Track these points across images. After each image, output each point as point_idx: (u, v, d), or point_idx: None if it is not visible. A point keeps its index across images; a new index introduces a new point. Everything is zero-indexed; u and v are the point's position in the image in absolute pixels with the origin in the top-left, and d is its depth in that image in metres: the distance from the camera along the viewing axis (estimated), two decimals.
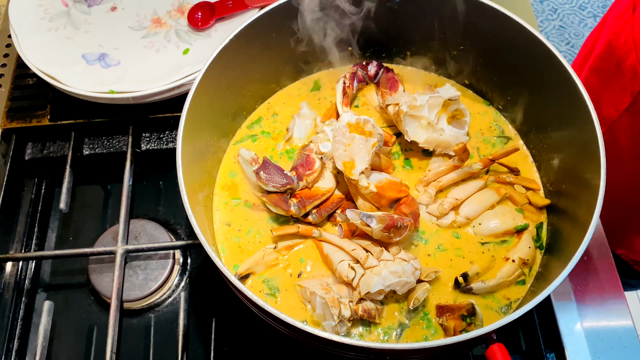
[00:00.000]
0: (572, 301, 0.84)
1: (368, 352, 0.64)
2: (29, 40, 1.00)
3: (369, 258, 0.74)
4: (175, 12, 1.07)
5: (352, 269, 0.74)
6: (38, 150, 1.03)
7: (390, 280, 0.71)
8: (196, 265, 0.94)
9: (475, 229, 0.81)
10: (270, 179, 0.79)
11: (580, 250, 0.65)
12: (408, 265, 0.73)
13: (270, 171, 0.80)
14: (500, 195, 0.83)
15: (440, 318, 0.75)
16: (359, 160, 0.76)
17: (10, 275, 0.94)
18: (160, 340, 0.88)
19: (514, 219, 0.81)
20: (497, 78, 0.89)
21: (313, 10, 0.83)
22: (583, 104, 0.73)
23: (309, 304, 0.75)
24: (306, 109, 0.90)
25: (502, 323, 0.62)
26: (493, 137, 0.90)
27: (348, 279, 0.74)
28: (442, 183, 0.83)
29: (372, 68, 0.93)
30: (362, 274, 0.73)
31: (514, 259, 0.77)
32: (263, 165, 0.80)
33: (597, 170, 0.70)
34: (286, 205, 0.79)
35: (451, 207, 0.81)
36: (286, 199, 0.80)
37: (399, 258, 0.74)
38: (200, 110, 0.78)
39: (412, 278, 0.73)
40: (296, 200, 0.79)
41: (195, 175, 0.78)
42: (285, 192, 0.80)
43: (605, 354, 0.80)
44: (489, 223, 0.81)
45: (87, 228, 0.99)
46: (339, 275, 0.75)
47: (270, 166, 0.80)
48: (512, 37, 0.81)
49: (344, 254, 0.76)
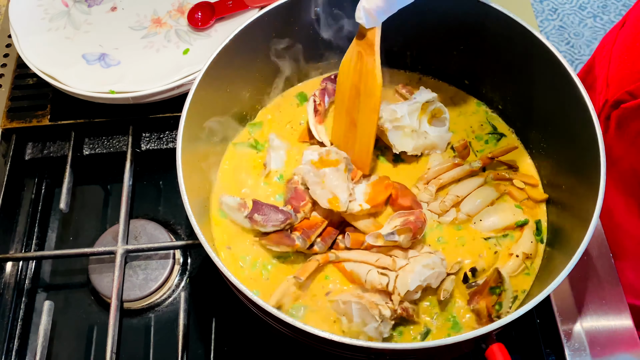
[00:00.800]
0: (572, 301, 0.84)
1: (368, 352, 0.64)
2: (29, 40, 1.00)
3: (397, 261, 0.74)
4: (175, 12, 1.07)
5: (383, 275, 0.73)
6: (38, 150, 1.03)
7: (425, 273, 0.72)
8: (196, 265, 0.94)
9: (477, 225, 0.82)
10: (268, 219, 0.76)
11: (582, 246, 0.65)
12: (436, 257, 0.74)
13: (265, 211, 0.76)
14: (500, 191, 0.84)
15: (471, 304, 0.74)
16: (340, 192, 0.76)
17: (10, 275, 0.94)
18: (160, 340, 0.88)
19: (514, 214, 0.82)
20: (496, 78, 0.89)
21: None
22: (581, 100, 0.73)
23: (343, 317, 0.73)
24: (277, 141, 0.87)
25: (502, 323, 0.62)
26: (485, 134, 0.90)
27: (382, 285, 0.73)
28: (443, 181, 0.84)
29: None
30: (395, 275, 0.73)
31: (518, 254, 0.78)
32: (255, 208, 0.77)
33: (596, 165, 0.70)
34: (290, 240, 0.76)
35: (452, 204, 0.82)
36: (288, 234, 0.77)
37: (425, 252, 0.74)
38: (200, 111, 0.78)
39: (442, 268, 0.73)
40: (299, 233, 0.76)
41: (195, 175, 0.78)
42: (284, 229, 0.77)
43: (605, 354, 0.80)
44: (490, 219, 0.82)
45: (87, 228, 0.99)
46: (371, 286, 0.74)
47: (264, 206, 0.77)
48: (511, 36, 0.80)
49: (369, 265, 0.75)
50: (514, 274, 0.77)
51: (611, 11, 2.64)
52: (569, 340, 0.82)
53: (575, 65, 2.48)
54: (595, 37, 2.55)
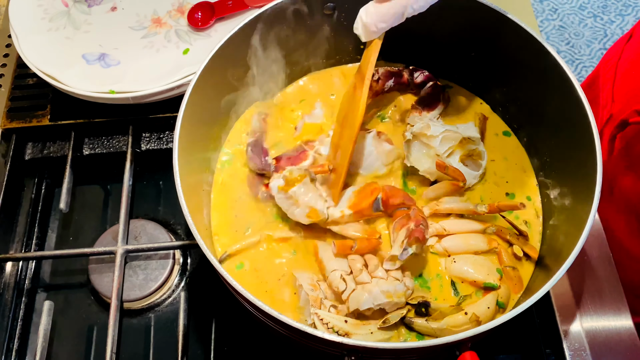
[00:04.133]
0: (571, 301, 0.84)
1: (370, 352, 0.64)
2: (29, 40, 1.00)
3: (363, 272, 0.73)
4: (175, 12, 1.07)
5: (343, 281, 0.73)
6: (38, 150, 1.03)
7: (381, 300, 0.70)
8: (196, 265, 0.94)
9: (447, 263, 0.78)
10: (252, 159, 0.84)
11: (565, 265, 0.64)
12: (400, 285, 0.72)
13: (256, 151, 0.84)
14: (490, 247, 0.78)
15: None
16: (314, 202, 0.76)
17: (10, 275, 0.94)
18: (160, 340, 0.88)
19: (488, 274, 0.76)
20: (495, 77, 0.89)
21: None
22: (580, 105, 0.73)
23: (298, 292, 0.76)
24: (319, 110, 0.89)
25: (478, 331, 0.61)
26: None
27: (338, 290, 0.73)
28: (439, 208, 0.80)
29: (420, 76, 0.88)
30: (352, 288, 0.72)
31: (468, 312, 0.72)
32: (255, 141, 0.85)
33: (593, 168, 0.69)
34: (255, 190, 0.83)
35: (436, 233, 0.79)
36: (259, 182, 0.83)
37: (392, 277, 0.73)
38: (198, 110, 0.78)
39: (402, 299, 0.72)
40: (265, 189, 0.82)
41: (193, 176, 0.79)
42: (260, 175, 0.84)
43: (605, 354, 0.80)
44: (463, 266, 0.77)
45: (87, 228, 0.99)
46: (329, 284, 0.74)
47: (259, 146, 0.84)
48: (511, 37, 0.80)
49: (338, 263, 0.75)
50: (454, 328, 0.71)
51: (611, 11, 2.64)
52: (568, 340, 0.82)
53: (575, 66, 2.48)
54: (595, 37, 2.56)
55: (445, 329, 0.71)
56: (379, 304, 0.71)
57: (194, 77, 0.77)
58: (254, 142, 0.85)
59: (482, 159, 0.83)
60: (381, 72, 0.88)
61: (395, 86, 0.89)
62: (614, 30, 2.58)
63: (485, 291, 0.76)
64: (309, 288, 0.73)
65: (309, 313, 0.71)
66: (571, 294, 0.85)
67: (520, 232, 0.80)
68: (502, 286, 0.75)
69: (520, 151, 0.88)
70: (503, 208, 0.78)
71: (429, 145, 0.81)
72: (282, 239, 0.80)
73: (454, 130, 0.81)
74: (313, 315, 0.70)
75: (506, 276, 0.77)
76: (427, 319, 0.73)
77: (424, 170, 0.82)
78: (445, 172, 0.79)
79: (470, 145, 0.83)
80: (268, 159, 0.83)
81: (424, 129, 0.81)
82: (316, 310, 0.71)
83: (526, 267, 0.79)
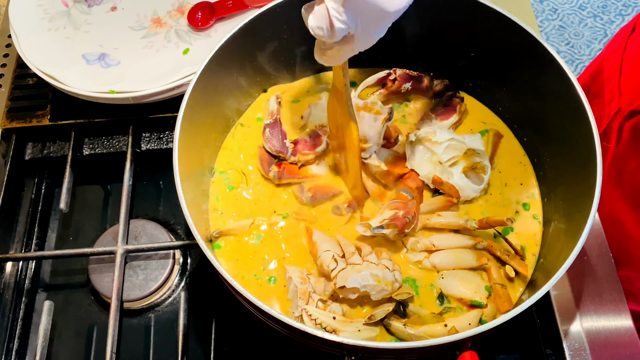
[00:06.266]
0: (571, 301, 0.84)
1: (370, 352, 0.64)
2: (29, 40, 1.00)
3: (355, 255, 0.74)
4: (175, 12, 1.07)
5: (334, 261, 0.74)
6: (38, 150, 1.03)
7: (368, 281, 0.71)
8: (196, 265, 0.94)
9: (437, 279, 0.77)
10: (269, 140, 0.86)
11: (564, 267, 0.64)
12: (389, 274, 0.72)
13: (275, 133, 0.86)
14: (479, 263, 0.77)
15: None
16: (370, 139, 0.79)
17: (10, 275, 0.94)
18: (160, 340, 0.88)
19: (475, 292, 0.75)
20: (495, 77, 0.89)
21: None
22: (580, 106, 0.73)
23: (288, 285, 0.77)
24: (325, 100, 0.90)
25: (477, 331, 0.61)
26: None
27: (328, 268, 0.73)
28: (430, 222, 0.79)
29: (439, 85, 0.89)
30: (342, 267, 0.73)
31: (448, 325, 0.71)
32: (273, 123, 0.87)
33: (593, 168, 0.69)
34: (266, 167, 0.85)
35: (424, 249, 0.78)
36: (271, 162, 0.85)
37: (383, 265, 0.73)
38: (198, 110, 0.78)
39: (389, 288, 0.72)
40: (278, 169, 0.84)
41: (193, 176, 0.78)
42: (274, 156, 0.86)
43: (605, 354, 0.80)
44: (450, 282, 0.76)
45: (87, 228, 0.99)
46: (320, 264, 0.75)
47: (277, 128, 0.87)
48: (511, 38, 0.80)
49: (332, 245, 0.76)
50: (430, 337, 0.69)
51: (611, 11, 2.64)
52: (568, 340, 0.82)
53: (575, 65, 2.48)
54: (595, 37, 2.56)
55: (422, 337, 0.71)
56: (365, 285, 0.71)
57: (194, 77, 0.77)
58: (272, 124, 0.87)
59: (486, 173, 0.82)
60: (399, 74, 0.89)
61: (412, 90, 0.91)
62: (614, 31, 2.58)
63: (469, 307, 0.75)
64: (298, 281, 0.74)
65: (296, 305, 0.72)
66: (571, 294, 0.85)
67: (517, 252, 0.78)
68: (489, 305, 0.74)
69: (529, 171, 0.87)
70: (492, 224, 0.77)
71: (433, 151, 0.81)
72: (276, 224, 0.82)
73: (460, 140, 0.81)
74: (302, 311, 0.71)
75: (495, 294, 0.75)
76: (406, 322, 0.72)
77: (424, 175, 0.82)
78: (441, 187, 0.80)
79: (475, 158, 0.82)
80: (286, 142, 0.86)
81: (429, 134, 0.81)
82: (305, 306, 0.71)
83: (517, 286, 0.78)
